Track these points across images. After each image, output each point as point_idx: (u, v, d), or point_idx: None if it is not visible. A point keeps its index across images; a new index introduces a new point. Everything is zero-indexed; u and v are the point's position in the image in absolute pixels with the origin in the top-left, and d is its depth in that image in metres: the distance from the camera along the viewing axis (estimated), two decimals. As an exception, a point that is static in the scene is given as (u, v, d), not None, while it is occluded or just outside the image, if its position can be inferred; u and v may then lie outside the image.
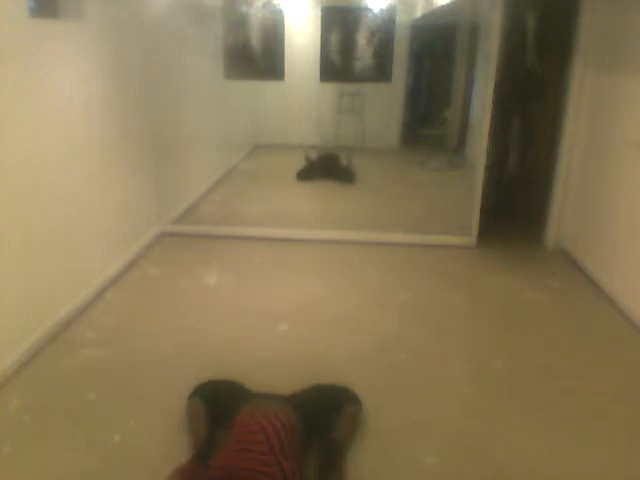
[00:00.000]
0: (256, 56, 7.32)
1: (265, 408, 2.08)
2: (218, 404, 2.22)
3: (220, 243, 4.34)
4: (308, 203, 5.61)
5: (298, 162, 6.49)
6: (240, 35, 7.01)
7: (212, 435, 2.09)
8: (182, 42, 4.93)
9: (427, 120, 8.53)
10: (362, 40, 7.53)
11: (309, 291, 3.54)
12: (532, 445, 2.22)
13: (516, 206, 4.97)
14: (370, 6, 7.44)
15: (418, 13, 7.49)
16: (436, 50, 8.16)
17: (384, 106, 7.87)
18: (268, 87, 7.56)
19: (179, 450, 2.09)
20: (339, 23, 7.49)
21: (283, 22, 7.45)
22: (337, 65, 7.66)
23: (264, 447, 1.86)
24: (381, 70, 7.68)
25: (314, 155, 6.56)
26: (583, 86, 3.94)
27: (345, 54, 7.62)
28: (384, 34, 7.48)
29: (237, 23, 6.93)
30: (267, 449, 1.85)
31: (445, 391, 2.56)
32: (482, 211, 4.29)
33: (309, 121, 7.59)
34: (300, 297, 3.45)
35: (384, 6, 7.39)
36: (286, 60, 7.56)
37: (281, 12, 7.38)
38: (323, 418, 2.18)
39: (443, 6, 6.26)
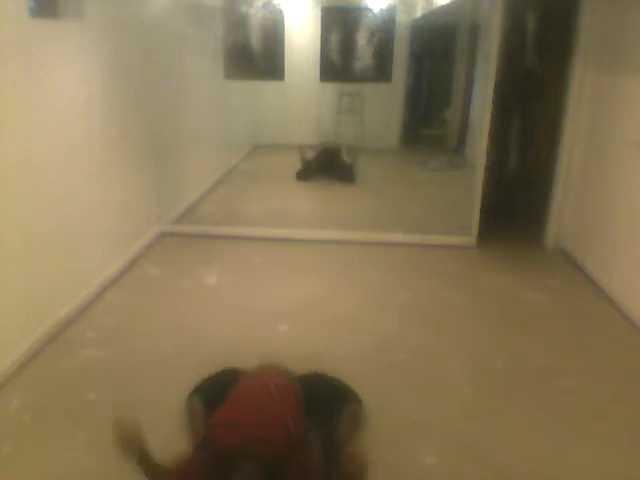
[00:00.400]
0: (256, 56, 7.32)
1: (268, 371, 2.10)
2: (218, 402, 2.22)
3: (220, 243, 4.34)
4: (308, 203, 5.62)
5: (298, 162, 6.49)
6: (240, 35, 7.01)
7: None
8: (182, 42, 4.93)
9: (427, 120, 8.53)
10: (362, 40, 7.53)
11: (309, 291, 3.54)
12: (532, 445, 2.22)
13: (516, 206, 4.97)
14: (370, 6, 7.44)
15: (418, 13, 7.49)
16: (436, 50, 8.16)
17: (384, 106, 7.87)
18: (268, 87, 7.56)
19: (179, 450, 2.09)
20: (339, 23, 7.49)
21: (283, 22, 7.45)
22: (337, 65, 7.67)
23: (267, 399, 1.87)
24: (381, 70, 7.68)
25: (311, 154, 6.53)
26: (583, 86, 3.94)
27: (345, 54, 7.62)
28: (384, 34, 7.48)
29: (237, 23, 6.94)
30: (269, 401, 1.86)
31: (445, 391, 2.56)
32: (482, 211, 4.30)
33: (309, 121, 7.59)
34: (300, 297, 3.45)
35: (384, 6, 7.39)
36: (286, 60, 7.56)
37: (281, 12, 7.38)
38: (324, 403, 2.18)
39: (443, 6, 6.26)
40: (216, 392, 2.29)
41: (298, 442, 1.81)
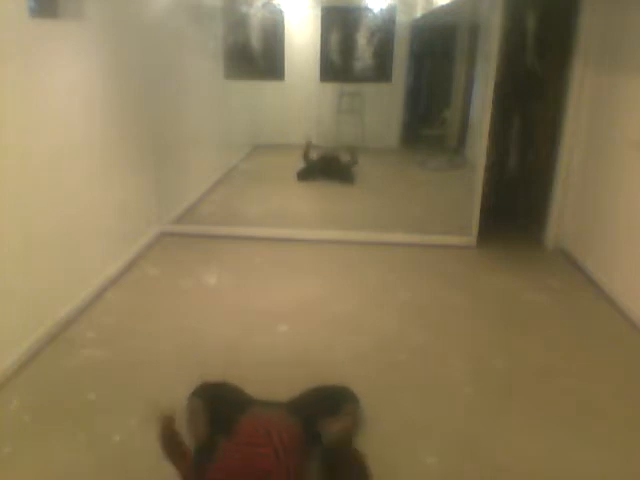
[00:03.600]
0: (256, 56, 7.33)
1: (267, 415, 2.09)
2: (217, 407, 2.22)
3: (220, 243, 4.34)
4: (308, 203, 5.62)
5: (298, 162, 6.49)
6: (240, 35, 7.01)
7: (211, 435, 2.08)
8: (182, 42, 4.93)
9: (427, 120, 8.53)
10: (362, 40, 7.53)
11: (309, 291, 3.54)
12: (532, 445, 2.22)
13: (516, 206, 4.97)
14: (370, 6, 7.44)
15: (418, 13, 7.49)
16: (436, 50, 8.16)
17: (384, 106, 7.88)
18: (268, 87, 7.56)
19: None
20: (339, 23, 7.50)
21: (283, 22, 7.45)
22: (337, 65, 7.67)
23: (269, 450, 1.86)
24: (381, 70, 7.68)
25: (314, 156, 6.54)
26: (583, 86, 3.94)
27: (345, 54, 7.62)
28: (384, 34, 7.49)
29: (237, 23, 6.94)
30: (271, 451, 1.85)
31: (445, 391, 2.56)
32: (482, 211, 4.29)
33: (309, 121, 7.59)
34: (300, 297, 3.45)
35: (384, 6, 7.39)
36: (286, 60, 7.56)
37: (281, 12, 7.38)
38: (321, 420, 2.18)
39: (443, 6, 6.26)
40: (218, 396, 2.30)
41: None
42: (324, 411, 2.20)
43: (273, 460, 1.83)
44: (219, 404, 2.24)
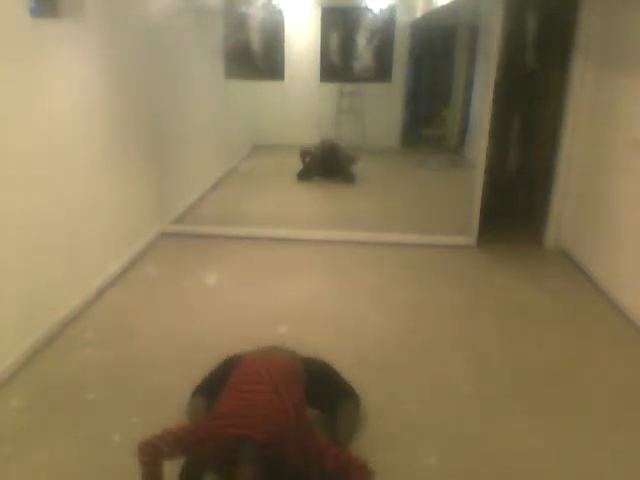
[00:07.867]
0: (256, 56, 7.31)
1: (269, 355, 2.10)
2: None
3: (220, 243, 4.34)
4: (308, 203, 5.62)
5: (298, 162, 6.49)
6: (240, 35, 7.00)
7: None
8: (182, 42, 4.94)
9: (427, 120, 8.53)
10: (362, 40, 7.52)
11: (309, 291, 3.54)
12: (533, 445, 2.22)
13: (516, 206, 4.97)
14: (370, 6, 7.44)
15: (418, 13, 7.49)
16: (436, 50, 8.16)
17: (384, 106, 7.87)
18: (268, 87, 7.56)
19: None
20: (339, 23, 7.48)
21: (283, 22, 7.44)
22: (337, 65, 7.65)
23: (267, 387, 1.86)
24: (381, 70, 7.66)
25: (310, 156, 6.52)
26: (583, 86, 3.94)
27: (345, 54, 7.61)
28: (384, 34, 7.47)
29: (237, 23, 6.93)
30: (270, 389, 1.85)
31: (445, 391, 2.56)
32: (482, 211, 4.30)
33: (309, 121, 7.59)
34: (300, 297, 3.45)
35: (384, 6, 7.39)
36: (286, 60, 7.55)
37: (281, 12, 7.38)
38: (323, 398, 2.18)
39: (443, 6, 6.26)
40: (218, 390, 2.29)
41: (295, 425, 1.81)
42: (325, 394, 2.20)
43: (272, 396, 1.82)
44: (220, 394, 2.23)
